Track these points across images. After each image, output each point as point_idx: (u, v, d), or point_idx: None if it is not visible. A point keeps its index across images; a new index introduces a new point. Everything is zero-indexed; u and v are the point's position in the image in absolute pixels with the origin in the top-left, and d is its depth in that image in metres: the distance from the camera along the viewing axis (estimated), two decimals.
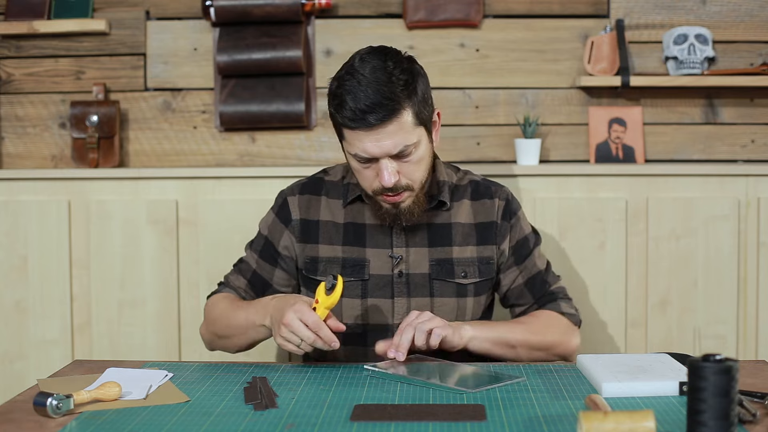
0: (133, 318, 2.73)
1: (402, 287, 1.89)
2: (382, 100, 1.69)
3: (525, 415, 1.39)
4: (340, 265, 1.90)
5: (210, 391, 1.55)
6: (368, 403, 1.47)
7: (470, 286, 1.92)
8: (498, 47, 2.85)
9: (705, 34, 2.76)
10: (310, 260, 1.93)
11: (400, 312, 1.89)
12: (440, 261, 1.90)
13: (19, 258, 2.72)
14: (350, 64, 1.77)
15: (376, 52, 1.77)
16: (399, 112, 1.71)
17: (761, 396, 1.43)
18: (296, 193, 1.97)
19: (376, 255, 1.90)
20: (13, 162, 2.91)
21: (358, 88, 1.70)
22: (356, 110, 1.70)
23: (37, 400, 1.39)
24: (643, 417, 1.19)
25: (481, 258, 1.93)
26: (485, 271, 1.93)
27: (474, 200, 1.96)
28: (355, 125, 1.72)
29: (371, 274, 1.89)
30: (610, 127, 2.82)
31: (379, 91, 1.70)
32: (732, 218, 2.67)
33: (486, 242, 1.93)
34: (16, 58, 2.88)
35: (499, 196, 1.97)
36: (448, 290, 1.90)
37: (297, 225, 1.94)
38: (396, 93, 1.70)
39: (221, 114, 2.80)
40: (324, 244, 1.92)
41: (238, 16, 2.75)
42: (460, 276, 1.90)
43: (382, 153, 1.74)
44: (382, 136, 1.72)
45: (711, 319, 2.69)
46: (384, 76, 1.71)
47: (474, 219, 1.94)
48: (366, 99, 1.69)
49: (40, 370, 2.68)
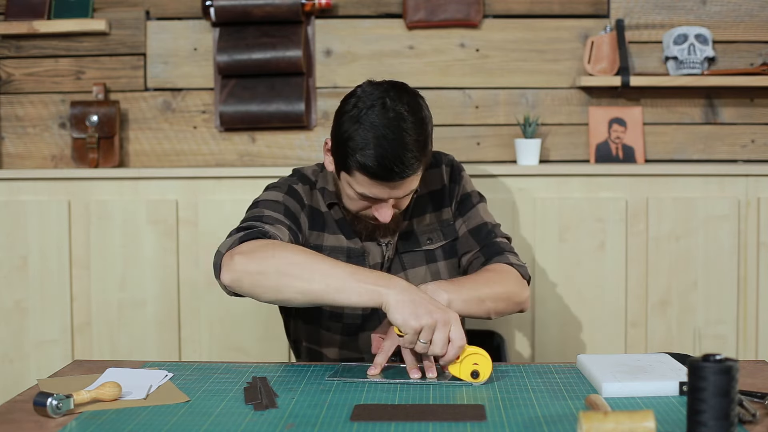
0: (133, 318, 2.73)
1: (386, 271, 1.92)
2: (410, 160, 1.71)
3: (525, 415, 1.39)
4: (346, 254, 1.91)
5: (210, 391, 1.55)
6: (368, 403, 1.47)
7: (437, 250, 1.96)
8: (498, 47, 2.85)
9: (705, 34, 2.76)
10: (315, 248, 1.90)
11: None
12: (403, 234, 1.94)
13: (19, 258, 2.72)
14: (369, 106, 1.74)
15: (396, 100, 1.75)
16: (418, 169, 1.76)
17: (761, 396, 1.43)
18: (297, 183, 1.96)
19: (370, 246, 1.93)
20: (13, 162, 2.91)
21: (386, 145, 1.70)
22: (382, 167, 1.70)
23: (37, 400, 1.39)
24: (643, 417, 1.19)
25: (441, 221, 1.98)
26: (448, 232, 1.97)
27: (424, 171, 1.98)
28: (374, 178, 1.73)
29: (371, 265, 1.91)
30: (610, 127, 2.82)
31: (407, 149, 1.71)
32: (732, 218, 2.67)
33: (441, 206, 1.99)
34: (16, 58, 2.88)
35: (445, 163, 2.02)
36: (418, 259, 1.94)
37: (309, 211, 1.94)
38: (418, 153, 1.73)
39: (221, 114, 2.80)
40: (329, 234, 1.93)
41: (238, 16, 2.75)
42: (425, 243, 1.95)
43: (389, 198, 1.79)
44: (396, 188, 1.76)
45: (711, 319, 2.69)
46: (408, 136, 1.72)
47: (427, 188, 1.99)
48: (391, 158, 1.70)
49: (40, 370, 2.68)
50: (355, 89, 1.82)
